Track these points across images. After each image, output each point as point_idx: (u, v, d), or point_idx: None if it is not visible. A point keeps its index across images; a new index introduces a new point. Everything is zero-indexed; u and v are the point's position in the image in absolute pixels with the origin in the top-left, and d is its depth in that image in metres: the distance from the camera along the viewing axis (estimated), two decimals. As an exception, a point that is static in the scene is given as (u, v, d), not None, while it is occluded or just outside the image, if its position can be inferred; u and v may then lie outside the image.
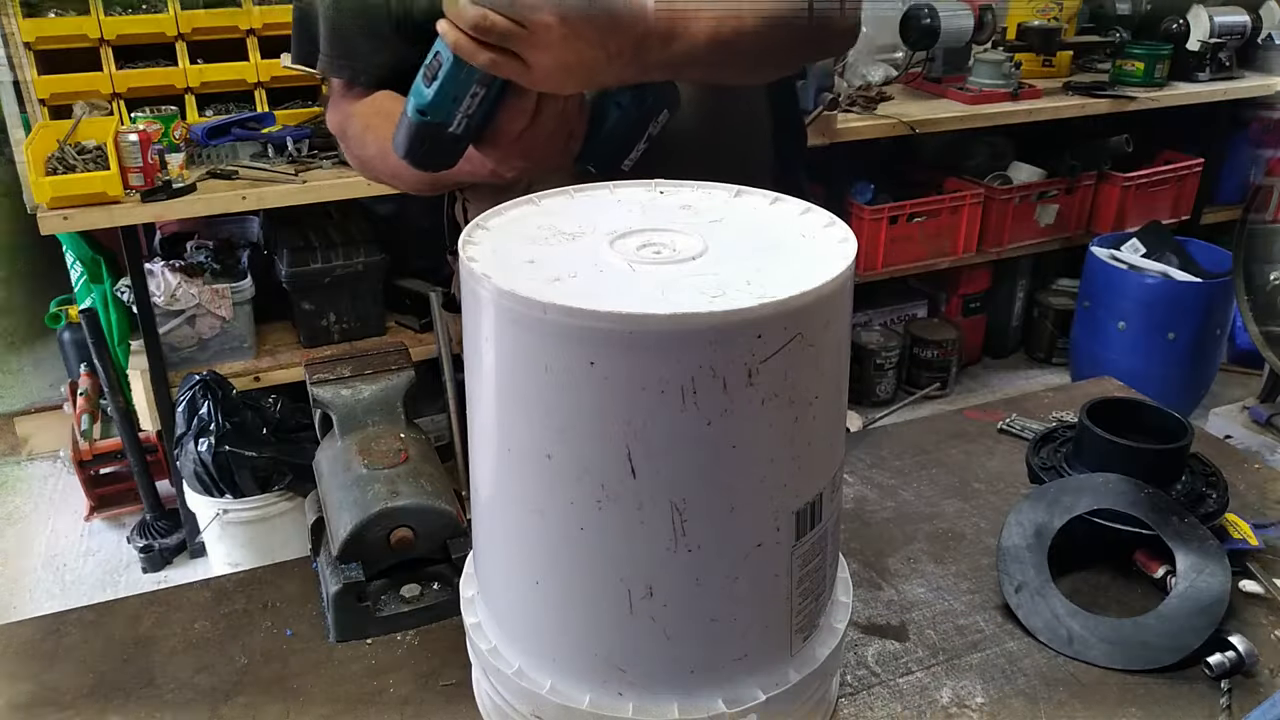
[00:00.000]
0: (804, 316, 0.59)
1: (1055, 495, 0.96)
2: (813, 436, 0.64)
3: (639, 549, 0.63)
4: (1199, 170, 3.48)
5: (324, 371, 1.02)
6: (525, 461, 0.64)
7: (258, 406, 2.29)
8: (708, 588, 0.65)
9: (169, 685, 0.85)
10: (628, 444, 0.59)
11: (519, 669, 0.71)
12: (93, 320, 2.43)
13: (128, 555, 2.66)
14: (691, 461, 0.60)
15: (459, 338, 0.68)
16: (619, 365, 0.58)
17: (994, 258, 3.34)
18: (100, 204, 2.12)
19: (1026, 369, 3.68)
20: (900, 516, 1.07)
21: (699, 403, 0.58)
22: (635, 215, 0.74)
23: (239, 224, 2.83)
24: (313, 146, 2.49)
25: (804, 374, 0.61)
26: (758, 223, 0.73)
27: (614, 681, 0.67)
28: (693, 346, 0.57)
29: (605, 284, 0.63)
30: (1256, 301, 2.60)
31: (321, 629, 0.92)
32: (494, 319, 0.61)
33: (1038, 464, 1.05)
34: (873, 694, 0.83)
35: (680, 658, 0.67)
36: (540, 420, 0.61)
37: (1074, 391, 1.34)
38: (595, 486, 0.61)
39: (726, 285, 0.61)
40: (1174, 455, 0.98)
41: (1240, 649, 0.83)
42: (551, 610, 0.68)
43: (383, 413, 1.01)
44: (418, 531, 0.91)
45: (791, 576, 0.67)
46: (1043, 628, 0.89)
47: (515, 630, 0.72)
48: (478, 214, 0.73)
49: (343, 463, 0.95)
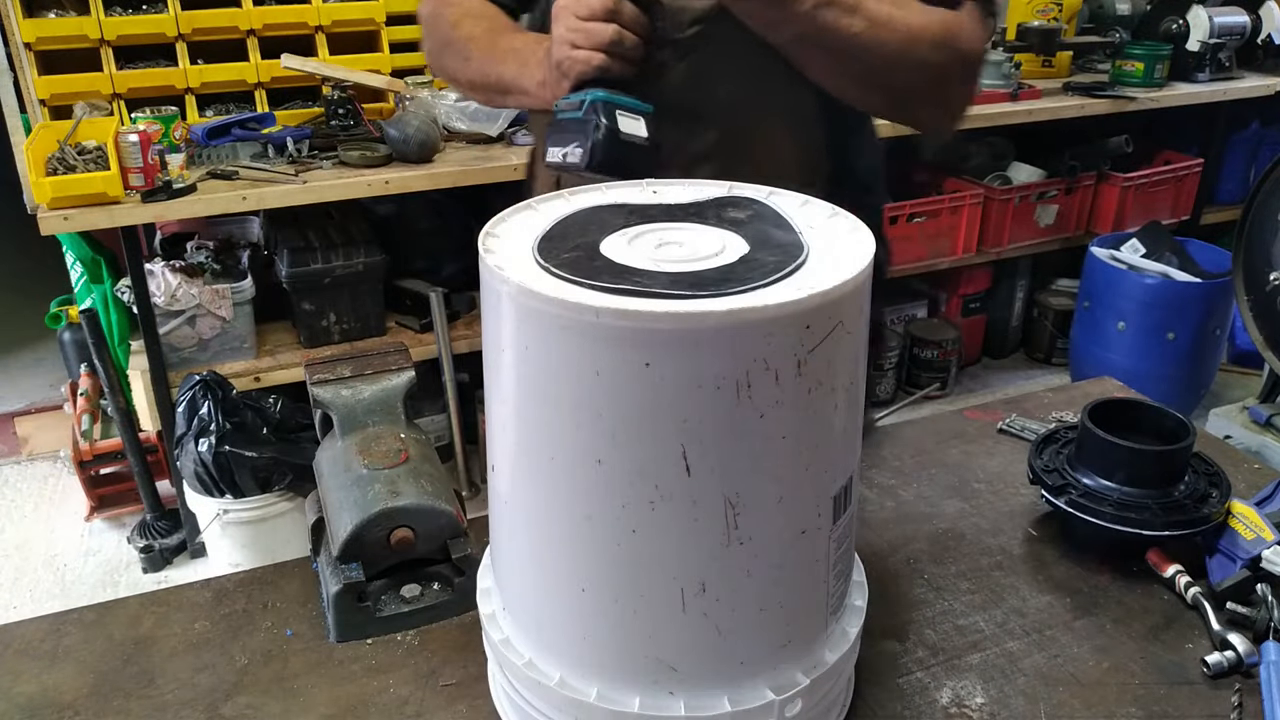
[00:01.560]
0: (844, 305, 0.61)
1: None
2: (848, 421, 0.66)
3: (691, 546, 0.63)
4: (1199, 170, 3.48)
5: (324, 372, 1.02)
6: (573, 468, 0.63)
7: (258, 407, 2.29)
8: (758, 579, 0.65)
9: (169, 685, 0.85)
10: (682, 443, 0.60)
11: (560, 679, 0.70)
12: (93, 320, 2.43)
13: (128, 555, 2.66)
14: (745, 455, 0.61)
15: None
16: (675, 364, 0.58)
17: (994, 258, 3.34)
18: (100, 204, 2.12)
19: (1026, 369, 3.68)
20: (900, 516, 1.07)
21: (753, 396, 0.59)
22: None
23: (239, 224, 2.83)
24: (313, 147, 2.49)
25: (844, 360, 0.63)
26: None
27: (665, 681, 0.67)
28: (748, 341, 0.58)
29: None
30: (1256, 301, 2.60)
31: (321, 629, 0.92)
32: (538, 326, 0.61)
33: (1040, 466, 1.05)
34: (873, 694, 0.83)
35: (731, 651, 0.67)
36: (589, 425, 0.61)
37: (1074, 392, 1.34)
38: (649, 488, 0.61)
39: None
40: (1177, 456, 0.98)
41: (1240, 649, 0.83)
42: (599, 616, 0.67)
43: (383, 413, 1.01)
44: (418, 531, 0.91)
45: (829, 559, 0.69)
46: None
47: (556, 641, 0.71)
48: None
49: (343, 463, 0.95)
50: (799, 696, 0.69)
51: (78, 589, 2.56)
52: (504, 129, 2.63)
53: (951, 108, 1.07)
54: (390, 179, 2.37)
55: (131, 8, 2.46)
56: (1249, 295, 2.61)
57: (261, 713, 0.82)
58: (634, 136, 0.89)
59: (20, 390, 3.48)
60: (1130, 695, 0.82)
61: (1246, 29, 3.31)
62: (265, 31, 2.54)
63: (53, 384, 3.31)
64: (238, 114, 2.52)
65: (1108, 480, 0.98)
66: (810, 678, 0.70)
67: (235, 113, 2.55)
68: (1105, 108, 3.07)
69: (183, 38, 2.48)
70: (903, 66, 0.97)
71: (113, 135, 2.14)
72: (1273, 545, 0.91)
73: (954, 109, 1.07)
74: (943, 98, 1.05)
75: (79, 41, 2.38)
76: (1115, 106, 3.08)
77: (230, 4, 2.51)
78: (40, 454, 3.15)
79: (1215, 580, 0.92)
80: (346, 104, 2.54)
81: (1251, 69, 3.43)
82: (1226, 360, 3.43)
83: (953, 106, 1.07)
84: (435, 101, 2.59)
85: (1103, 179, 3.37)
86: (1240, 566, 0.91)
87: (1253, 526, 0.95)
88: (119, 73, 2.44)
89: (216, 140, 2.41)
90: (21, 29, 2.31)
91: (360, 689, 0.85)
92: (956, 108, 1.07)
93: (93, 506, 2.76)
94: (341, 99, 2.53)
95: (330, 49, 2.63)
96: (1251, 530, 0.95)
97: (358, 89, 2.59)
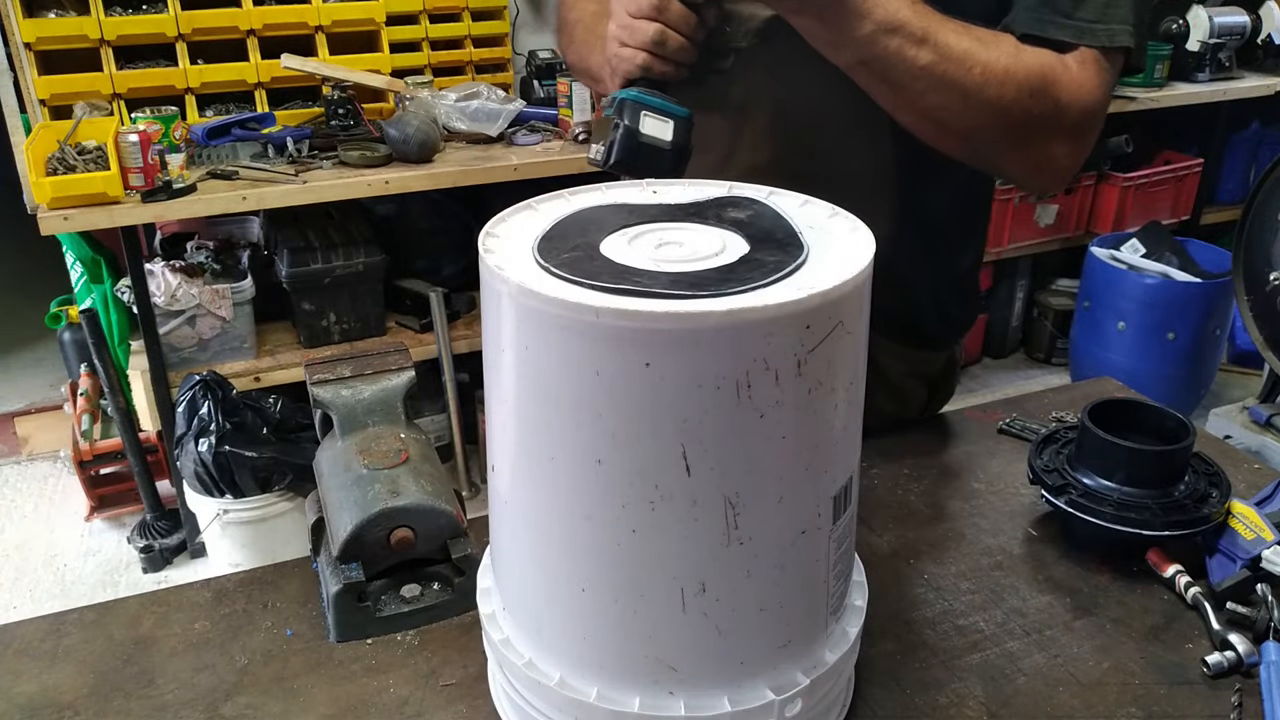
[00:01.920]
0: (845, 305, 0.61)
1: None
2: (848, 420, 0.66)
3: (691, 547, 0.63)
4: (1199, 170, 3.49)
5: (324, 372, 1.02)
6: (573, 468, 0.63)
7: (258, 407, 2.29)
8: (758, 579, 0.65)
9: (169, 685, 0.85)
10: (682, 443, 0.60)
11: (560, 679, 0.70)
12: (93, 320, 2.43)
13: (128, 555, 2.66)
14: (745, 455, 0.61)
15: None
16: (675, 364, 0.58)
17: (994, 258, 3.34)
18: (100, 204, 2.12)
19: (1026, 369, 3.69)
20: (900, 516, 1.07)
21: (753, 396, 0.59)
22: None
23: (239, 224, 2.83)
24: (313, 147, 2.49)
25: (844, 360, 0.63)
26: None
27: (665, 681, 0.67)
28: (748, 341, 0.58)
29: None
30: (1256, 301, 2.60)
31: (321, 629, 0.92)
32: (537, 326, 0.61)
33: (1040, 466, 1.05)
34: (873, 694, 0.83)
35: (731, 651, 0.67)
36: (589, 425, 0.61)
37: (1074, 392, 1.34)
38: (649, 488, 0.61)
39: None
40: (1177, 456, 0.98)
41: (1240, 649, 0.83)
42: (599, 616, 0.67)
43: (383, 413, 1.01)
44: (418, 531, 0.91)
45: (829, 559, 0.69)
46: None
47: (556, 641, 0.71)
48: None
49: (343, 463, 0.95)
50: (799, 696, 0.70)
51: (78, 589, 2.56)
52: (504, 129, 2.64)
53: (1048, 166, 0.95)
54: (390, 179, 2.37)
55: (131, 8, 2.46)
56: (1249, 295, 2.62)
57: (261, 713, 0.82)
58: (655, 139, 0.86)
59: (20, 390, 3.49)
60: (1130, 695, 0.82)
61: (1246, 29, 3.31)
62: (265, 31, 2.55)
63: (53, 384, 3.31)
64: (238, 114, 2.53)
65: (1108, 480, 0.98)
66: (810, 678, 0.70)
67: (235, 113, 2.55)
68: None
69: (183, 38, 2.48)
70: (980, 110, 0.88)
71: (113, 135, 2.14)
72: (1273, 545, 0.91)
73: (1052, 168, 0.95)
74: (1034, 153, 0.94)
75: (79, 41, 2.39)
76: (1115, 106, 3.08)
77: (230, 4, 2.51)
78: (40, 454, 3.15)
79: (1215, 580, 0.92)
80: (346, 104, 2.54)
81: (1251, 69, 3.43)
82: (1226, 360, 3.44)
83: (1050, 165, 0.95)
84: (435, 101, 2.59)
85: (1103, 179, 3.37)
86: (1240, 566, 0.91)
87: (1253, 526, 0.95)
88: (119, 73, 2.44)
89: (216, 140, 2.42)
90: (21, 29, 2.31)
91: (360, 689, 0.85)
92: (1056, 167, 0.95)
93: (93, 506, 2.76)
94: (341, 99, 2.53)
95: (330, 49, 2.63)
96: (1251, 530, 0.95)
97: (358, 89, 2.59)
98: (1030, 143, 0.93)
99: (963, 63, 0.86)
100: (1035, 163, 0.95)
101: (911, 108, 0.91)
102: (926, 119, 0.91)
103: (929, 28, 0.86)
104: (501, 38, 2.96)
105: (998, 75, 0.87)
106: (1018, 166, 0.97)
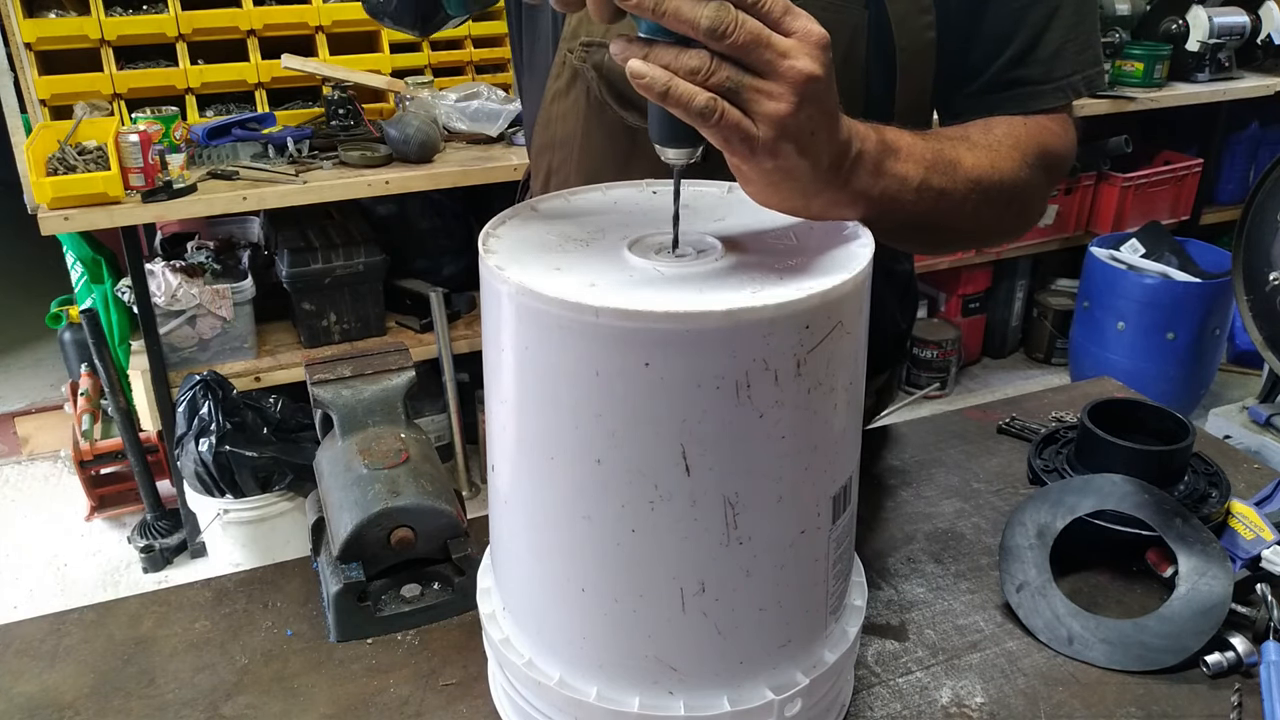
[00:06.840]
0: (844, 305, 0.61)
1: (1059, 496, 0.96)
2: (847, 421, 0.66)
3: (691, 546, 0.63)
4: (1198, 170, 3.49)
5: (324, 372, 1.02)
6: (572, 468, 0.63)
7: (258, 406, 2.29)
8: (757, 579, 0.65)
9: (169, 685, 0.85)
10: (682, 442, 0.60)
11: (560, 679, 0.70)
12: (93, 320, 2.43)
13: (128, 555, 2.66)
14: (744, 455, 0.61)
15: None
16: (675, 364, 0.58)
17: (994, 258, 3.35)
18: (101, 204, 2.12)
19: (1026, 369, 3.69)
20: (900, 516, 1.07)
21: (752, 396, 0.59)
22: (638, 217, 0.74)
23: (239, 224, 2.84)
24: (313, 147, 2.49)
25: (843, 360, 0.63)
26: (760, 218, 0.73)
27: (664, 681, 0.67)
28: (747, 341, 0.58)
29: (641, 285, 0.63)
30: (1256, 301, 2.60)
31: (321, 629, 0.92)
32: (537, 326, 0.61)
33: (1040, 465, 1.05)
34: (872, 694, 0.83)
35: (730, 650, 0.67)
36: (589, 425, 0.61)
37: (1074, 392, 1.34)
38: (648, 487, 0.61)
39: (762, 280, 0.62)
40: (1177, 456, 0.98)
41: (1240, 649, 0.83)
42: (599, 616, 0.67)
43: (383, 413, 1.01)
44: (418, 531, 0.91)
45: (829, 559, 0.69)
46: (1043, 627, 0.89)
47: (555, 641, 0.71)
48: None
49: (343, 463, 0.95)
50: (799, 696, 0.70)
51: (78, 589, 2.56)
52: (504, 129, 2.64)
53: (1037, 217, 0.96)
54: (390, 179, 2.37)
55: (132, 8, 2.46)
56: (1249, 295, 2.62)
57: (262, 713, 0.82)
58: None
59: (20, 390, 3.49)
60: (1130, 695, 0.82)
61: (1246, 29, 3.31)
62: (265, 31, 2.55)
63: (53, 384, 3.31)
64: (238, 114, 2.53)
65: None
66: (810, 678, 0.70)
67: (235, 113, 2.55)
68: (1105, 107, 3.07)
69: (183, 38, 2.48)
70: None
71: (113, 135, 2.14)
72: (1272, 545, 0.92)
73: (1038, 216, 0.96)
74: (1033, 217, 0.94)
75: (79, 41, 2.39)
76: (1115, 106, 3.08)
77: (230, 4, 2.51)
78: (40, 454, 3.15)
79: (1215, 580, 0.92)
80: (347, 104, 2.54)
81: (1251, 69, 3.43)
82: (1226, 360, 3.44)
83: (1038, 215, 0.95)
84: (435, 102, 2.59)
85: (1102, 179, 3.37)
86: (1240, 566, 0.91)
87: (1252, 526, 0.95)
88: (119, 73, 2.44)
89: (217, 140, 2.42)
90: (22, 29, 2.31)
91: (360, 689, 0.85)
92: (1040, 213, 0.96)
93: (93, 506, 2.76)
94: (342, 99, 2.53)
95: (330, 49, 2.63)
96: (1251, 530, 0.95)
97: (358, 89, 2.59)
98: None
99: (980, 184, 0.81)
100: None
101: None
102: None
103: (941, 158, 0.78)
104: (501, 38, 2.95)
105: (1010, 181, 0.84)
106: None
